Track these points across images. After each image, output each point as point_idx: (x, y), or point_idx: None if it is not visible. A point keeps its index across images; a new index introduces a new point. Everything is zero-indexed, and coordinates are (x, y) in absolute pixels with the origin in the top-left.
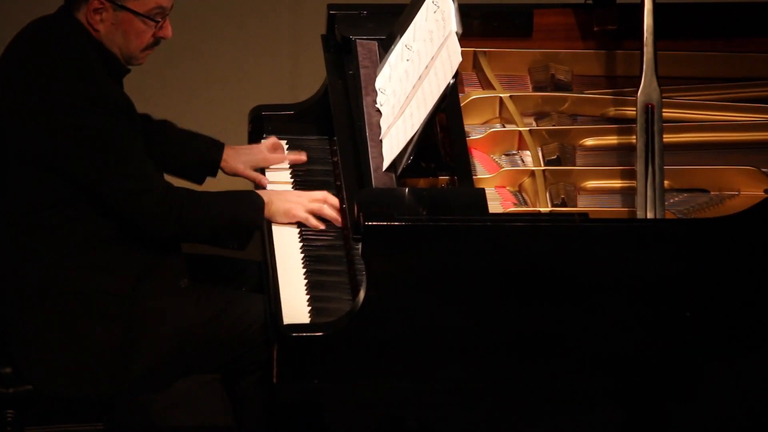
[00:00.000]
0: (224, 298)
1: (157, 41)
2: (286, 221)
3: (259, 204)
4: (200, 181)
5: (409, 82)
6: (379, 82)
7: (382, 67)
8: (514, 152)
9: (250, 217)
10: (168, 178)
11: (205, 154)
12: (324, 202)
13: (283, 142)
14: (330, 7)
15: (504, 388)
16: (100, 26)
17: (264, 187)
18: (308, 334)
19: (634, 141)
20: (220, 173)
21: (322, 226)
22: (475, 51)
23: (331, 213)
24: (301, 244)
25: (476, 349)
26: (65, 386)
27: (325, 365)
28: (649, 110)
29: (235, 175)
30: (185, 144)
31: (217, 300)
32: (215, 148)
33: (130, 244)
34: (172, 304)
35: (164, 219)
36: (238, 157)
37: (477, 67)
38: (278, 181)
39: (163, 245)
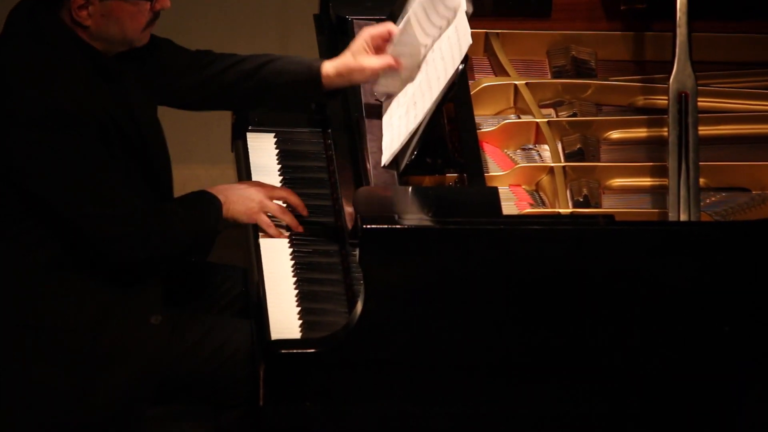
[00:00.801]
0: (203, 325)
1: (156, 15)
2: (248, 222)
3: (216, 206)
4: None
5: None
6: None
7: None
8: (531, 146)
9: (211, 225)
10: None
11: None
12: (286, 198)
13: (271, 135)
14: None
15: (520, 411)
16: (89, 22)
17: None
18: (299, 350)
19: (666, 134)
20: None
21: (285, 235)
22: (487, 32)
23: (286, 216)
24: (291, 249)
25: (488, 367)
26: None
27: (317, 385)
28: (682, 99)
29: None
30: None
31: (194, 328)
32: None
33: (96, 272)
34: (141, 337)
35: (128, 244)
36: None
37: (489, 51)
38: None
39: (136, 275)
